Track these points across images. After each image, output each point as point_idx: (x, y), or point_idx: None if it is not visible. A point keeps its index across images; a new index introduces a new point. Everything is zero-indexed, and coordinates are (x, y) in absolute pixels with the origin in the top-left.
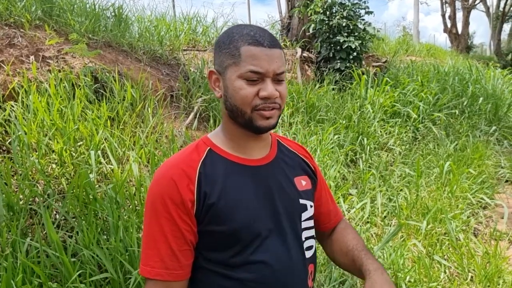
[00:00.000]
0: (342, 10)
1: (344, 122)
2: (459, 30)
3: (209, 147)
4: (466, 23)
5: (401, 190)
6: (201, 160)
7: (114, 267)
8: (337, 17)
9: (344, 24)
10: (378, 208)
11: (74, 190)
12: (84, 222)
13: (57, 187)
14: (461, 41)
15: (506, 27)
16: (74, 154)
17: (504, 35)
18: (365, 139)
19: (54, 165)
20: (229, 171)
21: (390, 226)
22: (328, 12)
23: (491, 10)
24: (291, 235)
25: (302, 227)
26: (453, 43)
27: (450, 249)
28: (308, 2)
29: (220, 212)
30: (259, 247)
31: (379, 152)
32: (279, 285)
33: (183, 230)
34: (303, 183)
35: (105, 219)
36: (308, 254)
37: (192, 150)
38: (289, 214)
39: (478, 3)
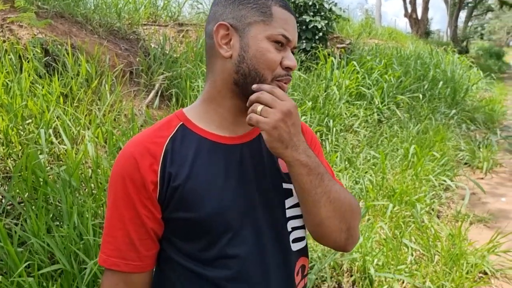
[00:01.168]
0: None
1: (310, 103)
2: (419, 16)
3: (181, 122)
4: (425, 9)
5: (366, 172)
6: (169, 137)
7: (67, 257)
8: None
9: (310, 3)
10: None
11: (22, 173)
12: (33, 207)
13: (2, 169)
14: (420, 26)
15: (462, 14)
16: (22, 132)
17: (459, 22)
18: (331, 120)
19: None
20: (201, 150)
21: None
22: None
23: None
24: (269, 225)
25: (287, 215)
26: (413, 28)
27: (416, 231)
28: None
29: (186, 196)
30: (232, 239)
31: (345, 134)
32: (255, 283)
33: (144, 217)
34: None
35: (57, 204)
36: (296, 246)
37: (161, 125)
38: (268, 200)
39: None
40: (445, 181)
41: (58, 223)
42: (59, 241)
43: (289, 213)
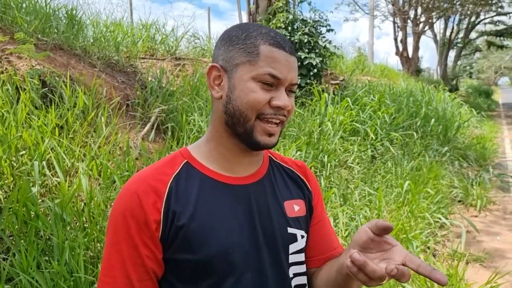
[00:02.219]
0: (304, 27)
1: (305, 138)
2: (410, 54)
3: (186, 160)
4: (416, 48)
5: (361, 209)
6: (173, 174)
7: None
8: (299, 33)
9: (305, 41)
10: (340, 229)
11: (13, 205)
12: (22, 241)
13: None
14: (411, 64)
15: (451, 53)
16: (14, 164)
17: (449, 61)
18: (326, 156)
19: None
20: (205, 189)
21: None
22: (290, 28)
23: (438, 37)
24: (273, 270)
25: (290, 261)
26: (404, 65)
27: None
28: (270, 17)
29: (190, 237)
30: (236, 283)
31: (339, 169)
32: None
33: (145, 257)
34: (295, 208)
35: (47, 238)
36: None
37: (165, 162)
38: (273, 245)
39: (427, 29)
40: (440, 218)
41: (47, 258)
42: (48, 278)
43: (292, 258)
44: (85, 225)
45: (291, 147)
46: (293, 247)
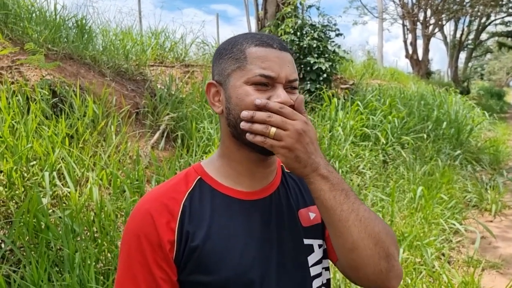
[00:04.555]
0: (313, 32)
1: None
2: (420, 56)
3: (199, 176)
4: (426, 50)
5: None
6: (187, 192)
7: None
8: (308, 38)
9: (314, 45)
10: None
11: (24, 216)
12: (33, 253)
13: (3, 212)
14: (421, 66)
15: (462, 55)
16: (25, 175)
17: (459, 63)
18: (337, 162)
19: (1, 188)
20: (219, 207)
21: None
22: (298, 33)
23: (448, 39)
24: (293, 286)
25: (311, 274)
26: (414, 68)
27: (427, 278)
28: (279, 22)
29: (205, 258)
30: None
31: (351, 175)
32: None
33: (159, 279)
34: (311, 216)
35: (58, 249)
36: None
37: (179, 180)
38: (293, 260)
39: (437, 32)
40: (454, 224)
41: (57, 268)
42: None
43: (313, 271)
44: (95, 235)
45: None
46: (311, 259)
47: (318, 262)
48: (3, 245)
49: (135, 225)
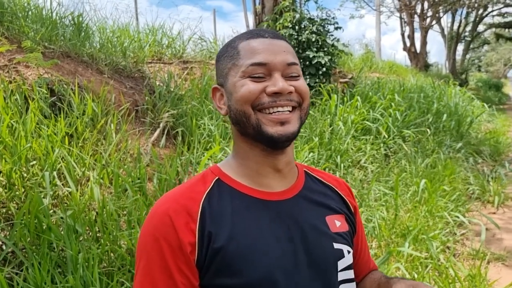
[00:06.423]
0: (311, 25)
1: (317, 139)
2: (418, 49)
3: (217, 177)
4: (424, 42)
5: (377, 209)
6: (205, 192)
7: None
8: (306, 32)
9: (313, 40)
10: None
11: (25, 217)
12: (35, 255)
13: (3, 214)
14: (419, 59)
15: (459, 47)
16: (25, 175)
17: (457, 55)
18: (339, 156)
19: (0, 189)
20: (240, 207)
21: (371, 248)
22: (297, 27)
23: (446, 31)
24: None
25: (339, 279)
26: (412, 61)
27: (434, 271)
28: (277, 16)
29: (230, 259)
30: None
31: (353, 169)
32: None
33: (180, 284)
34: (337, 223)
35: (61, 251)
36: None
37: (196, 181)
38: (321, 263)
39: (434, 24)
40: (458, 217)
41: (60, 270)
42: None
43: (341, 276)
44: (98, 235)
45: (303, 149)
46: (341, 264)
47: (349, 268)
48: (4, 247)
49: (153, 227)
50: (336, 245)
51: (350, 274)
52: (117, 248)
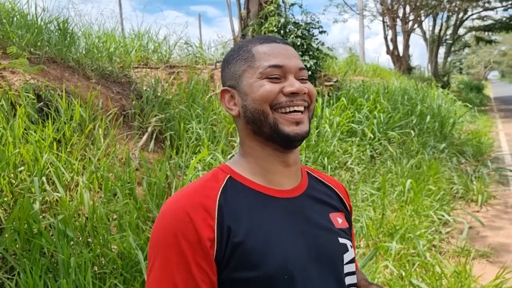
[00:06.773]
0: (296, 30)
1: (303, 141)
2: (400, 52)
3: (228, 175)
4: (406, 46)
5: (364, 210)
6: (220, 189)
7: None
8: (292, 36)
9: (298, 43)
10: None
11: (15, 223)
12: (26, 260)
13: None
14: (402, 62)
15: (441, 50)
16: (13, 181)
17: (439, 58)
18: (326, 158)
19: None
20: (255, 204)
21: (359, 247)
22: (282, 31)
23: (428, 35)
24: (333, 283)
25: (345, 271)
26: (395, 64)
27: (421, 269)
28: (262, 21)
29: (249, 253)
30: None
31: (339, 171)
32: None
33: (199, 281)
34: (339, 220)
35: (51, 255)
36: None
37: (208, 179)
38: (330, 256)
39: (416, 27)
40: (443, 215)
41: (51, 275)
42: None
43: (346, 268)
44: (88, 239)
45: None
46: (346, 257)
47: (352, 261)
48: None
49: (168, 224)
50: (341, 240)
51: (353, 267)
52: (109, 252)
